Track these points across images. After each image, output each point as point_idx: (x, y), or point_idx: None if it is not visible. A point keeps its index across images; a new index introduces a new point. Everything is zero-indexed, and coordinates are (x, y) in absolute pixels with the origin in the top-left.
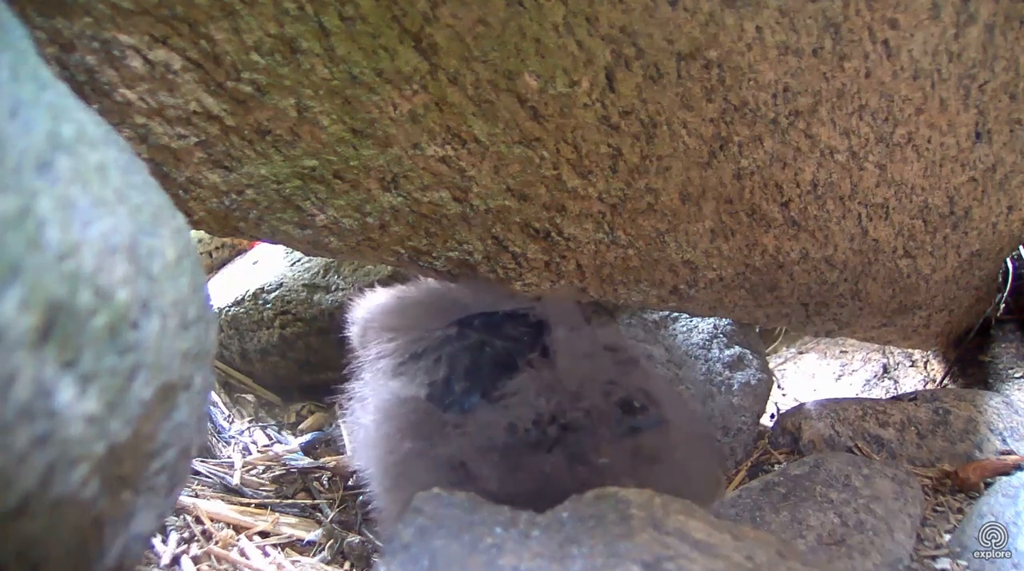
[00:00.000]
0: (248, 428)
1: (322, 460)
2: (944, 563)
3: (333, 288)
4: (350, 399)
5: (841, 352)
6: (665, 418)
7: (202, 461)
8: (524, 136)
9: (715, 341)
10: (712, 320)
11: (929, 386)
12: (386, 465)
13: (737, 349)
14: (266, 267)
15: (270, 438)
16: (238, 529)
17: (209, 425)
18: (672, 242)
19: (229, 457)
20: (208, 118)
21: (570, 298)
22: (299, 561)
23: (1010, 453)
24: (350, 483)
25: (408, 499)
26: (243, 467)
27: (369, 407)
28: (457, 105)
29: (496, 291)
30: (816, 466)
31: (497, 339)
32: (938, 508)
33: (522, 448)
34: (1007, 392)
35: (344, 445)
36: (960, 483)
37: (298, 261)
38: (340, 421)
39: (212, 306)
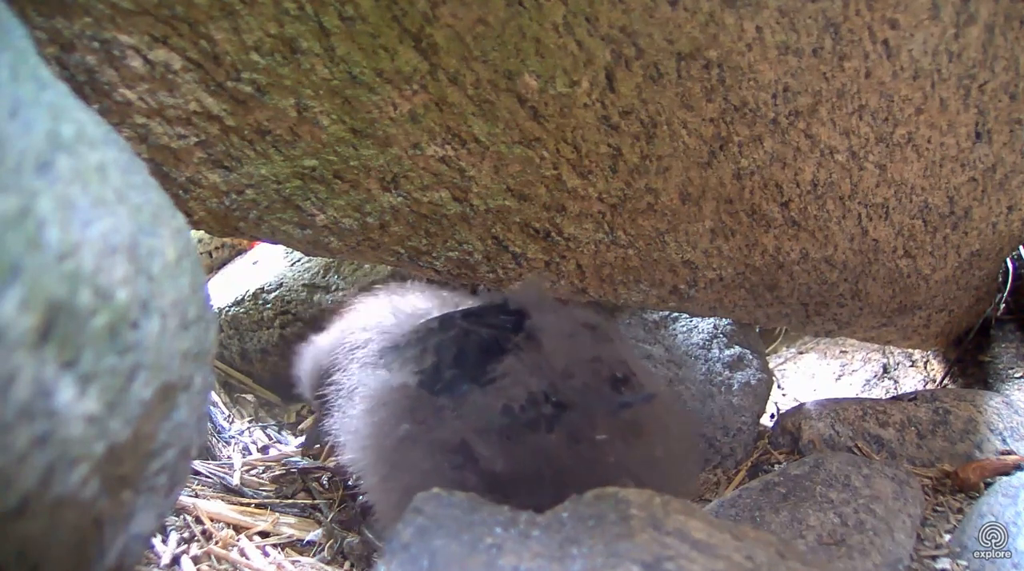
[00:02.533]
0: (248, 428)
1: (322, 460)
2: (944, 563)
3: (333, 288)
4: (337, 392)
5: (841, 352)
6: (654, 392)
7: (202, 461)
8: (524, 136)
9: (715, 341)
10: (712, 320)
11: (929, 386)
12: (382, 451)
13: (737, 349)
14: (266, 267)
15: (270, 438)
16: (238, 529)
17: (209, 425)
18: (672, 242)
19: (229, 457)
20: (208, 118)
21: (536, 286)
22: (299, 561)
23: (1010, 453)
24: (350, 483)
25: (407, 486)
26: (243, 467)
27: (356, 397)
28: (457, 105)
29: (457, 298)
30: (816, 466)
31: (480, 328)
32: (938, 508)
33: (520, 428)
34: (1007, 392)
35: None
36: (960, 483)
37: (298, 261)
38: (325, 416)
39: (212, 306)
